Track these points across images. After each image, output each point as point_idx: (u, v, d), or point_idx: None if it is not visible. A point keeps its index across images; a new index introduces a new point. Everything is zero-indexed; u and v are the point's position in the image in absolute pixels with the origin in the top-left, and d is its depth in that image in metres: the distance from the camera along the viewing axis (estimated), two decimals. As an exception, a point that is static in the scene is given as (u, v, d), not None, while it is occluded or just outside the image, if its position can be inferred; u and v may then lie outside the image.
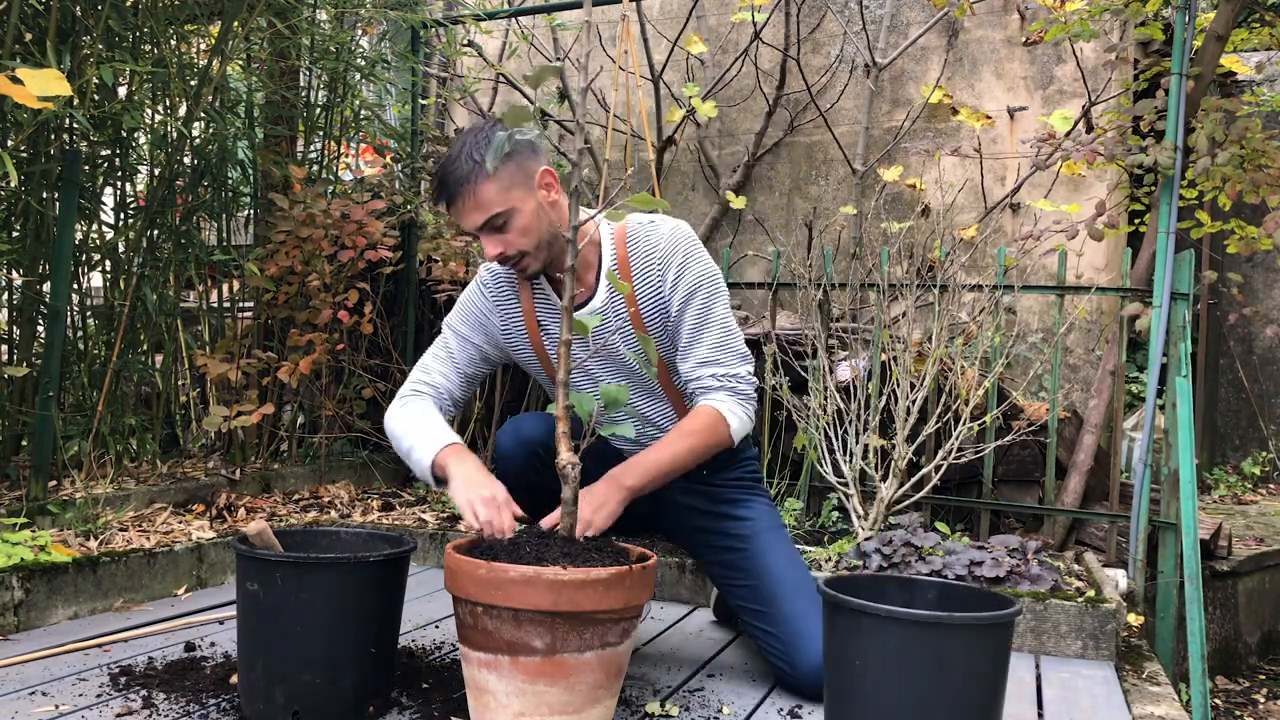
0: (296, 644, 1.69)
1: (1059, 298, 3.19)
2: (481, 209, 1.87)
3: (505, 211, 1.88)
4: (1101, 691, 2.12)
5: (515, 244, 1.91)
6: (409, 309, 4.20)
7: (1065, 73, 4.65)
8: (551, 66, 1.62)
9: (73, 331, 3.30)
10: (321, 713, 1.71)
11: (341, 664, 1.71)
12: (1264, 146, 3.13)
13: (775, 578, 2.03)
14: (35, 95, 1.60)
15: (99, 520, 2.76)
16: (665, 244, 1.98)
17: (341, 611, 1.70)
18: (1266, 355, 5.82)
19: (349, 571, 1.71)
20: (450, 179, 1.87)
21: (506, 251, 1.91)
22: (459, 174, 1.86)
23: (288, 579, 1.68)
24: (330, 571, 1.70)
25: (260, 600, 1.71)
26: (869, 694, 1.53)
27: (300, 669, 1.69)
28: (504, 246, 1.90)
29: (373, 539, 1.95)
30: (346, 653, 1.72)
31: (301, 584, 1.68)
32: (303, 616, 1.68)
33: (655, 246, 1.98)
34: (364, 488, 3.83)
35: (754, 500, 2.16)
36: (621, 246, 2.00)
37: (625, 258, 2.00)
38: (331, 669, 1.70)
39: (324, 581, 1.69)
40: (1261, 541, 4.00)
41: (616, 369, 2.07)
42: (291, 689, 1.70)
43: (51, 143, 3.08)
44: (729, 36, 5.24)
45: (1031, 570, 2.49)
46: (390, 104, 5.01)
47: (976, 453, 3.02)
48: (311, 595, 1.68)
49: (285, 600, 1.69)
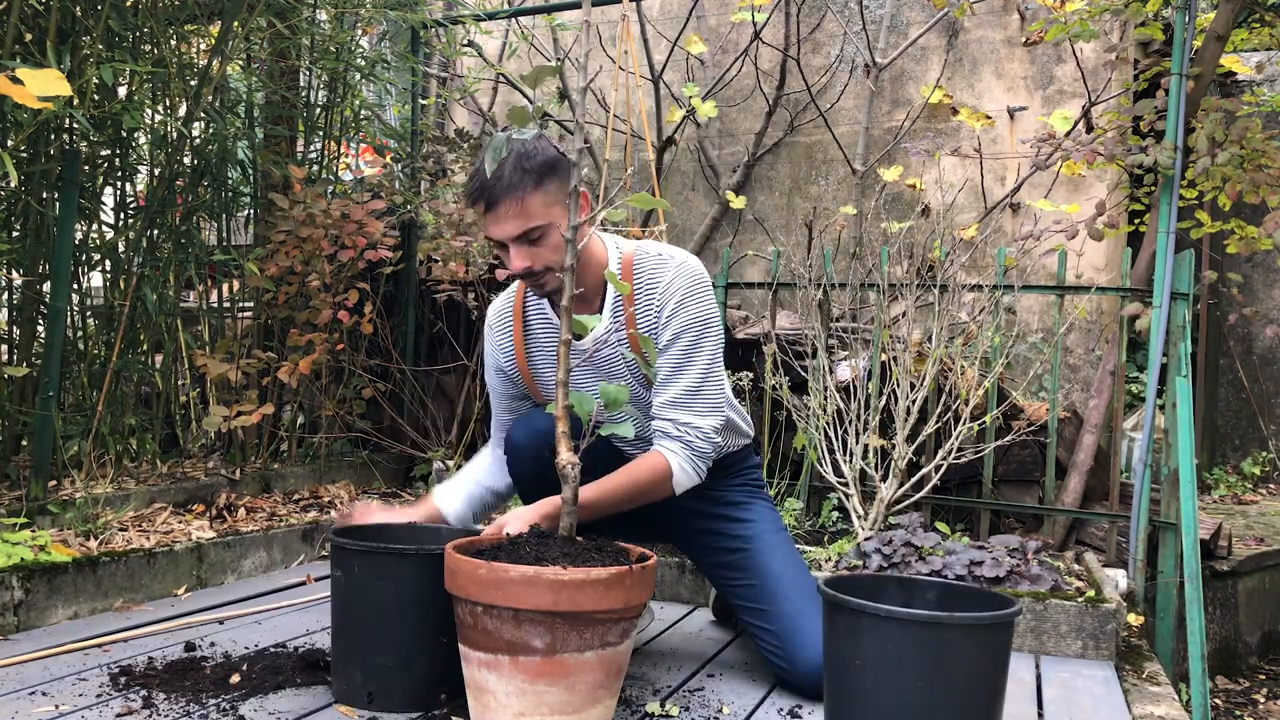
0: (371, 628, 1.80)
1: (1059, 298, 3.19)
2: (522, 219, 1.85)
3: (544, 226, 1.86)
4: (1101, 691, 2.12)
5: (545, 259, 1.90)
6: (409, 309, 4.20)
7: (1065, 73, 4.66)
8: (549, 67, 1.62)
9: (73, 331, 3.30)
10: (393, 695, 1.80)
11: (413, 650, 1.80)
12: (1264, 146, 3.13)
13: (775, 577, 2.03)
14: (35, 95, 1.60)
15: (99, 520, 2.76)
16: (668, 278, 1.97)
17: (413, 600, 1.79)
18: (1266, 355, 5.82)
19: (419, 562, 1.78)
20: (497, 185, 1.85)
21: (534, 266, 1.90)
22: (507, 181, 1.84)
23: (363, 566, 1.80)
24: (402, 561, 1.79)
25: (341, 586, 1.83)
26: (869, 694, 1.53)
27: (374, 652, 1.80)
28: (533, 260, 1.89)
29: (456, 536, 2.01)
30: (418, 640, 1.80)
31: (375, 572, 1.79)
32: (377, 602, 1.79)
33: (657, 281, 1.98)
34: (364, 488, 3.83)
35: (755, 503, 2.17)
36: (628, 273, 2.00)
37: (629, 276, 2.00)
38: (403, 654, 1.79)
39: (396, 570, 1.79)
40: (1261, 541, 4.00)
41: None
42: (367, 670, 1.80)
43: (51, 143, 3.08)
44: (729, 36, 5.24)
45: (1031, 570, 2.49)
46: (390, 104, 5.01)
47: (976, 453, 3.02)
48: (384, 583, 1.79)
49: (361, 586, 1.80)
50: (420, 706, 1.80)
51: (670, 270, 1.98)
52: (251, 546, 2.89)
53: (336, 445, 3.98)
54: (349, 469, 3.84)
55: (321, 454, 3.77)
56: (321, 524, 3.14)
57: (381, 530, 2.01)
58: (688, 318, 1.96)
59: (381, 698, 1.79)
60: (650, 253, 2.00)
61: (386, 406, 4.02)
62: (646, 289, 1.99)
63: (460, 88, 5.00)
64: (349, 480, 3.77)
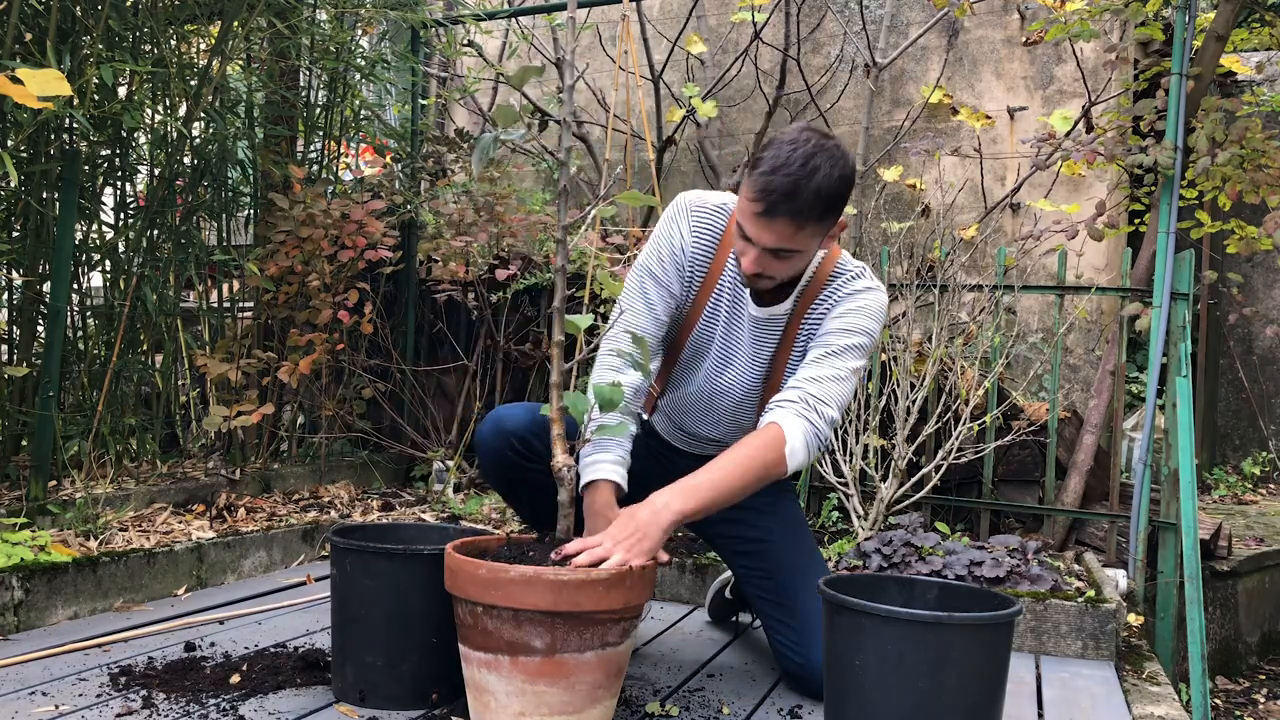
0: (361, 627, 1.81)
1: (1059, 298, 3.19)
2: (785, 240, 1.80)
3: (797, 251, 1.83)
4: (1101, 691, 2.12)
5: (779, 273, 1.87)
6: (409, 309, 4.20)
7: (1065, 73, 4.66)
8: (533, 68, 1.63)
9: (73, 331, 3.30)
10: (383, 694, 1.81)
11: (401, 650, 1.80)
12: (1264, 146, 3.14)
13: (799, 572, 2.03)
14: (35, 95, 1.60)
15: (99, 520, 2.76)
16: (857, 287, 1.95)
17: (401, 599, 1.79)
18: (1266, 355, 5.82)
19: (407, 561, 1.78)
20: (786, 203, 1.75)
21: (764, 273, 1.86)
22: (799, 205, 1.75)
23: (354, 565, 1.81)
24: (389, 561, 1.79)
25: (336, 584, 1.85)
26: (869, 694, 1.53)
27: (364, 651, 1.81)
28: (765, 269, 1.85)
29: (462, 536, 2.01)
30: (406, 639, 1.81)
31: (365, 571, 1.80)
32: (366, 601, 1.80)
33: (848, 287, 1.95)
34: (364, 488, 3.83)
35: (780, 496, 2.15)
36: (822, 276, 1.96)
37: (820, 286, 1.97)
38: (391, 653, 1.80)
39: (383, 570, 1.79)
40: (1261, 541, 4.00)
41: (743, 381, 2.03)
42: (358, 668, 1.82)
43: (51, 143, 3.08)
44: (729, 36, 5.24)
45: (1031, 570, 2.49)
46: (390, 104, 5.01)
47: (976, 453, 3.02)
48: (373, 582, 1.79)
49: (352, 585, 1.82)
50: (408, 705, 1.80)
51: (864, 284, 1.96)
52: (251, 546, 2.89)
53: (336, 445, 3.98)
54: (349, 469, 3.84)
55: (321, 454, 3.77)
56: (321, 524, 3.14)
57: (386, 530, 2.01)
58: (859, 321, 1.93)
59: (371, 696, 1.81)
60: (851, 268, 1.98)
61: (386, 406, 4.02)
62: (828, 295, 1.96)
63: (460, 88, 5.00)
64: (349, 480, 3.77)
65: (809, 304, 1.97)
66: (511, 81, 1.61)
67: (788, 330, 1.98)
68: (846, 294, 1.95)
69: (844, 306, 1.94)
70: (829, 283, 1.96)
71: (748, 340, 2.00)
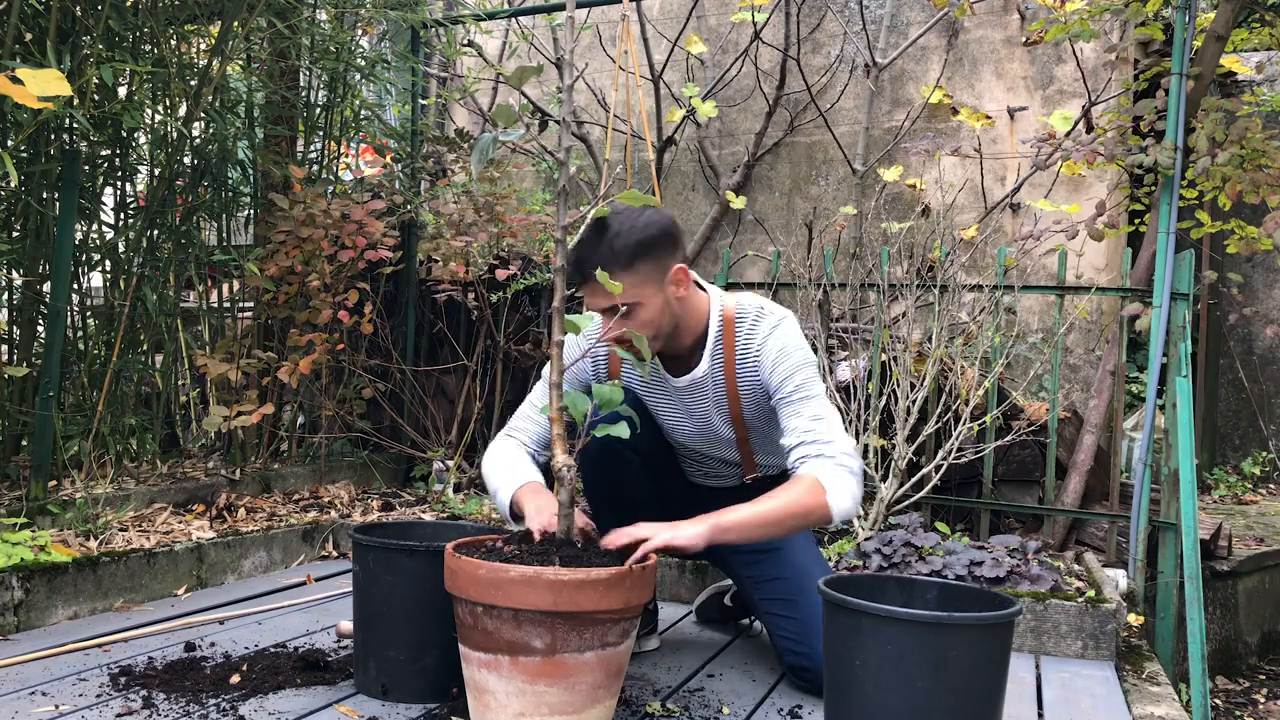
0: (384, 622, 1.85)
1: (1059, 298, 3.19)
2: (608, 297, 1.85)
3: (632, 305, 1.88)
4: (1101, 691, 2.12)
5: (645, 332, 1.90)
6: (409, 309, 4.20)
7: (1065, 73, 4.66)
8: (531, 68, 1.63)
9: (73, 331, 3.30)
10: (405, 688, 1.86)
11: (423, 644, 1.85)
12: (1264, 146, 3.13)
13: (806, 571, 2.07)
14: (35, 95, 1.60)
15: (99, 520, 2.76)
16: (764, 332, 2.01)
17: (422, 594, 1.82)
18: (1266, 355, 5.82)
19: (428, 558, 1.81)
20: (585, 263, 1.83)
21: (624, 336, 1.89)
22: (596, 259, 1.82)
23: (377, 562, 1.86)
24: (410, 557, 1.83)
25: (359, 580, 1.89)
26: (869, 694, 1.53)
27: (386, 645, 1.86)
28: (623, 334, 1.89)
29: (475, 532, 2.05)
30: (428, 635, 1.84)
31: (387, 568, 1.84)
32: (389, 597, 1.84)
33: (753, 337, 2.01)
34: (364, 488, 3.83)
35: None
36: (729, 329, 2.03)
37: (731, 338, 2.03)
38: (413, 648, 1.85)
39: (406, 566, 1.83)
40: (1261, 541, 4.00)
41: (705, 432, 2.13)
42: (380, 663, 1.87)
43: (51, 143, 3.08)
44: (729, 36, 5.24)
45: (1031, 570, 2.49)
46: (390, 104, 5.01)
47: (976, 453, 3.02)
48: (395, 578, 1.84)
49: (375, 581, 1.86)
50: (432, 699, 1.85)
51: (767, 325, 2.02)
52: (251, 546, 2.89)
53: (336, 445, 3.98)
54: (349, 469, 3.84)
55: (321, 454, 3.76)
56: (321, 524, 3.14)
57: (406, 528, 2.05)
58: (793, 363, 1.99)
59: (395, 690, 1.85)
60: (750, 311, 2.03)
61: (386, 406, 4.02)
62: (745, 339, 2.02)
63: (460, 88, 4.99)
64: (349, 480, 3.77)
65: (732, 355, 2.03)
66: (511, 81, 1.60)
67: (727, 388, 2.05)
68: (759, 345, 2.01)
69: (768, 358, 2.00)
70: (736, 331, 2.03)
71: (687, 405, 2.10)
